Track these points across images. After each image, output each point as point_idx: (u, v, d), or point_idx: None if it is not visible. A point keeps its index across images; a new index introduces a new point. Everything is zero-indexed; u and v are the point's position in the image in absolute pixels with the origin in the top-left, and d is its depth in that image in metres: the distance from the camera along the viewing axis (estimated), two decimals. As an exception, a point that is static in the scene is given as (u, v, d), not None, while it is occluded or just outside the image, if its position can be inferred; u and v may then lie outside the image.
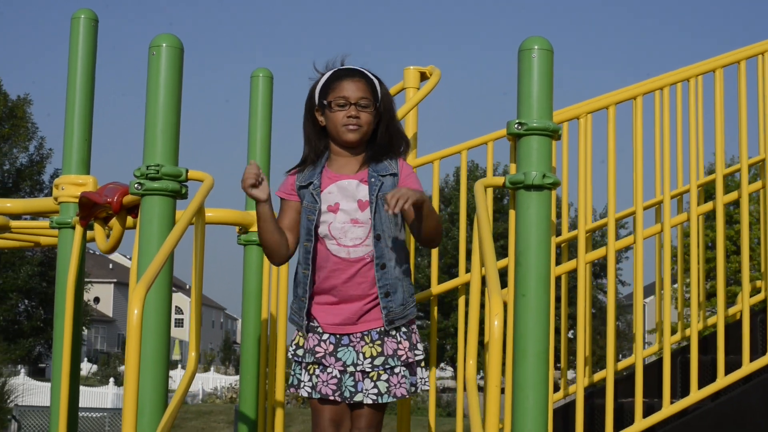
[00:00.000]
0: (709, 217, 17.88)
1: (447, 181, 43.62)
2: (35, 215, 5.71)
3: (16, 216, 5.83)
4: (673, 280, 16.09)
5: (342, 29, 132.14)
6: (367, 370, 3.73)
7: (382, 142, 3.86)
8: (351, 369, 3.73)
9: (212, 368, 59.66)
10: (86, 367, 57.18)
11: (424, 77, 5.91)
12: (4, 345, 36.73)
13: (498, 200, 36.38)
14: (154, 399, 3.80)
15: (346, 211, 3.79)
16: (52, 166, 41.33)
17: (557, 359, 7.24)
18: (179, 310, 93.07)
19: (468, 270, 5.55)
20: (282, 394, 5.30)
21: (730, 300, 5.79)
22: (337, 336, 3.77)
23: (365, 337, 3.76)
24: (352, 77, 3.84)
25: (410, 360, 3.78)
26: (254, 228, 5.71)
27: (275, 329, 5.52)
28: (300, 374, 3.79)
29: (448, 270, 36.68)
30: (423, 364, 3.87)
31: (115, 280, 76.94)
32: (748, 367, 4.90)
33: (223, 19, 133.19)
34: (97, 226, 4.65)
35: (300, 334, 3.83)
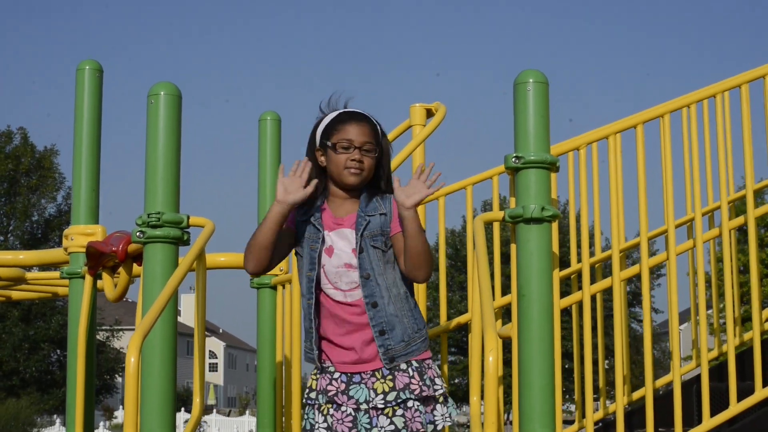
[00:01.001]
0: (740, 241, 17.86)
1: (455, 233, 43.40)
2: (48, 266, 5.76)
3: (31, 267, 5.90)
4: (708, 307, 16.00)
5: (345, 66, 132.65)
6: (380, 406, 3.71)
7: (378, 185, 3.86)
8: (364, 406, 3.71)
9: (247, 411, 59.56)
10: (122, 414, 57.25)
11: (430, 114, 5.94)
12: (38, 395, 36.84)
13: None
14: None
15: (340, 256, 3.77)
16: (80, 216, 41.50)
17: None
18: (213, 355, 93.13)
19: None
20: (299, 433, 5.31)
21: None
22: (348, 374, 3.75)
23: (376, 373, 3.74)
24: (357, 121, 3.82)
25: (424, 393, 3.74)
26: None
27: (290, 371, 5.53)
28: (313, 417, 3.76)
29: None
30: (442, 399, 3.81)
31: (147, 327, 77.15)
32: (760, 393, 4.86)
33: (224, 60, 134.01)
34: (105, 275, 4.69)
35: (312, 377, 3.82)
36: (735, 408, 4.81)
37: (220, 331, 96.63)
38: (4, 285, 6.40)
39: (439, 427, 3.76)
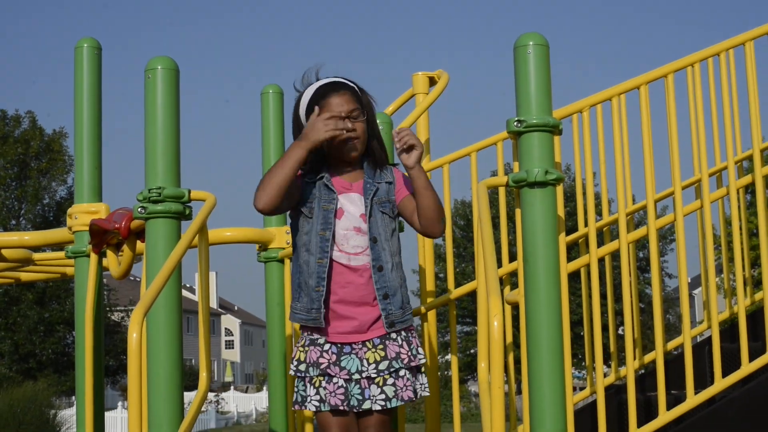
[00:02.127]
0: (752, 204, 17.71)
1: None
2: (53, 246, 5.74)
3: (37, 248, 5.87)
4: (719, 270, 15.90)
5: (347, 36, 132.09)
6: (373, 375, 3.70)
7: (375, 148, 3.84)
8: (356, 377, 3.70)
9: (265, 387, 59.76)
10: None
11: (432, 82, 5.90)
12: (55, 377, 36.99)
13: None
14: (170, 419, 3.80)
15: (350, 219, 3.77)
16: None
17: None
18: (229, 332, 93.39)
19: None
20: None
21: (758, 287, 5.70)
22: (339, 345, 3.74)
23: (367, 343, 3.74)
24: (337, 91, 3.78)
25: (413, 363, 3.75)
26: (273, 245, 5.71)
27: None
28: (304, 389, 3.74)
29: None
30: (423, 369, 3.84)
31: (162, 306, 77.37)
32: (772, 352, 4.83)
33: (225, 35, 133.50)
34: (109, 253, 4.67)
35: (300, 349, 3.77)
36: (747, 368, 4.78)
37: (236, 308, 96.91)
38: (12, 266, 6.38)
39: (419, 395, 3.77)
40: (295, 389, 3.74)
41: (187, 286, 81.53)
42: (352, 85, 3.83)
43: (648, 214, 4.82)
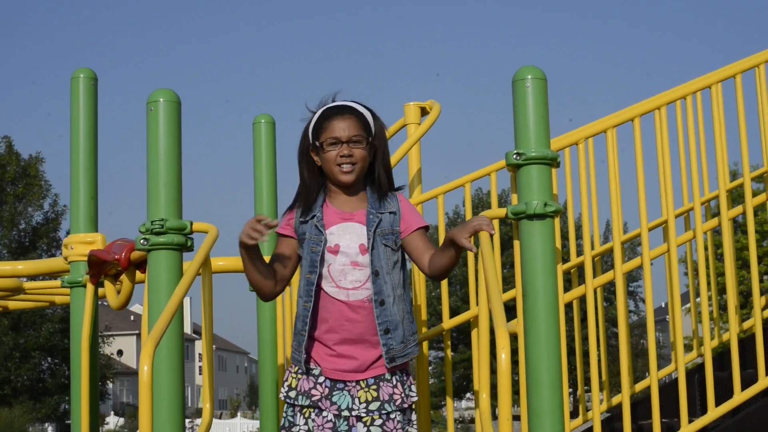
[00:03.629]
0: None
1: (459, 212, 43.58)
2: (47, 276, 5.75)
3: (30, 277, 5.88)
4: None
5: (340, 68, 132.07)
6: (362, 415, 3.69)
7: (380, 177, 3.84)
8: (345, 413, 3.69)
9: (239, 414, 59.57)
10: (113, 421, 57.18)
11: (424, 112, 5.95)
12: (30, 404, 36.74)
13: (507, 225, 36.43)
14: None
15: (347, 254, 3.74)
16: (67, 223, 41.48)
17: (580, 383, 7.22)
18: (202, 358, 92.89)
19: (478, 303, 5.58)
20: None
21: (746, 313, 5.77)
22: (333, 380, 3.74)
23: (361, 381, 3.73)
24: (341, 114, 3.78)
25: (405, 405, 3.76)
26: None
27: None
28: (293, 417, 3.73)
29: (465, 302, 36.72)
30: (414, 405, 3.84)
31: (137, 332, 76.62)
32: (764, 380, 4.88)
33: (220, 67, 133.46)
34: (107, 283, 4.68)
35: (293, 375, 3.78)
36: (738, 397, 4.83)
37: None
38: (2, 295, 6.39)
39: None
40: (284, 414, 3.75)
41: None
42: (361, 110, 3.83)
43: (615, 256, 4.88)
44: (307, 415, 3.68)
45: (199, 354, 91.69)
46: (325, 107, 3.84)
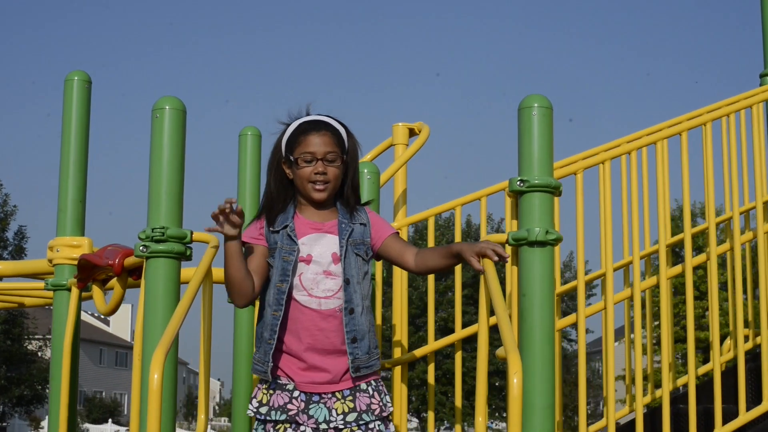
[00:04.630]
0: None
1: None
2: (28, 277, 5.69)
3: (6, 278, 5.82)
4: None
5: (327, 84, 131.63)
6: (340, 426, 3.68)
7: (348, 195, 3.84)
8: (323, 426, 3.68)
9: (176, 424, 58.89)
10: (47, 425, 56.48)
11: (412, 133, 5.97)
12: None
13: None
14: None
15: (319, 263, 3.72)
16: (16, 223, 41.05)
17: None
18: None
19: (463, 326, 5.60)
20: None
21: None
22: (308, 393, 3.72)
23: (337, 393, 3.72)
24: (318, 131, 3.75)
25: (384, 414, 3.76)
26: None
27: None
28: None
29: (412, 321, 36.73)
30: (390, 417, 3.84)
31: (77, 336, 76.02)
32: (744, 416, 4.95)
33: (206, 77, 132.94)
34: (96, 289, 4.65)
35: (263, 390, 3.74)
36: (720, 431, 4.89)
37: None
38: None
39: None
40: (254, 430, 3.71)
41: (95, 315, 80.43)
42: (336, 126, 3.82)
43: (578, 297, 4.92)
44: (281, 430, 3.66)
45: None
46: (301, 121, 3.82)
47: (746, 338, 5.88)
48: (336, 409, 3.67)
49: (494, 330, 4.02)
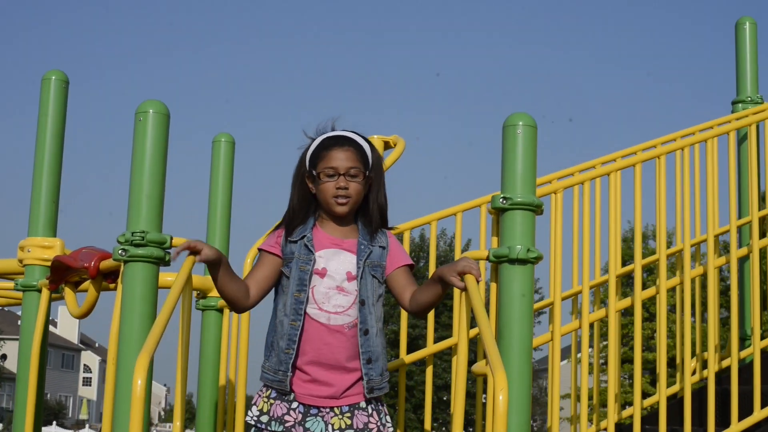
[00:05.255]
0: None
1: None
2: (-3, 276, 5.63)
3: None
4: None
5: (314, 95, 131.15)
6: None
7: (374, 211, 3.85)
8: None
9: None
10: (-9, 425, 55.87)
11: (387, 146, 5.95)
12: None
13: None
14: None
15: (333, 278, 3.73)
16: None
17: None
18: (87, 369, 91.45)
19: (436, 340, 5.60)
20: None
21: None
22: (306, 405, 3.70)
23: (335, 408, 3.71)
24: (341, 146, 3.78)
25: None
26: (213, 293, 5.69)
27: (233, 395, 5.49)
28: None
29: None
30: None
31: (22, 337, 74.92)
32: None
33: (186, 84, 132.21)
34: (68, 291, 4.60)
35: (264, 398, 3.73)
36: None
37: (96, 345, 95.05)
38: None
39: None
40: None
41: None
42: (360, 143, 3.84)
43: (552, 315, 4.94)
44: None
45: (85, 365, 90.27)
46: (325, 136, 3.83)
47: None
48: (333, 425, 3.66)
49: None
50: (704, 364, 6.02)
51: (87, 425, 56.88)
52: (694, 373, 5.94)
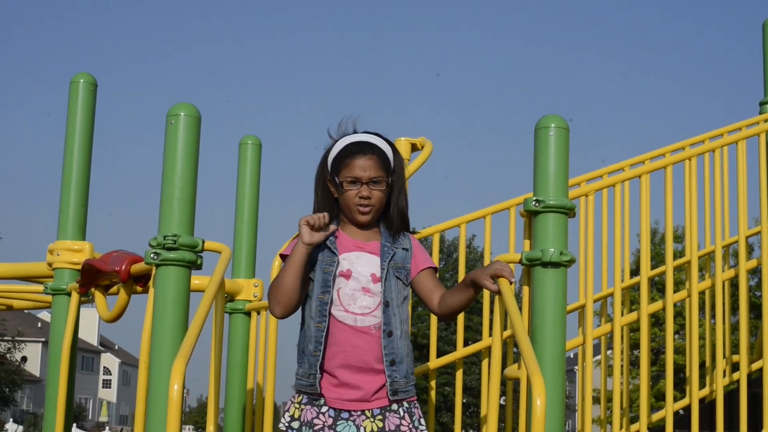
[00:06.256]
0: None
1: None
2: (25, 280, 5.63)
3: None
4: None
5: (336, 96, 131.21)
6: None
7: (394, 217, 3.83)
8: None
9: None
10: (12, 428, 56.09)
11: (414, 148, 5.94)
12: None
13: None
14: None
15: (358, 280, 3.72)
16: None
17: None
18: (107, 371, 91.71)
19: (465, 344, 5.58)
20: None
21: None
22: (337, 410, 3.69)
23: (366, 411, 3.69)
24: (364, 154, 3.74)
25: None
26: (240, 296, 5.69)
27: (261, 399, 5.48)
28: None
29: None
30: None
31: (43, 339, 75.02)
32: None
33: (212, 85, 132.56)
34: (99, 295, 4.59)
35: (296, 405, 3.72)
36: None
37: (116, 347, 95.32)
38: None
39: None
40: None
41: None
42: (383, 148, 3.81)
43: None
44: None
45: (104, 367, 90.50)
46: (348, 142, 3.80)
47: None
48: (365, 428, 3.64)
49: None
50: (733, 368, 5.99)
51: (107, 427, 57.02)
52: (723, 376, 5.90)
